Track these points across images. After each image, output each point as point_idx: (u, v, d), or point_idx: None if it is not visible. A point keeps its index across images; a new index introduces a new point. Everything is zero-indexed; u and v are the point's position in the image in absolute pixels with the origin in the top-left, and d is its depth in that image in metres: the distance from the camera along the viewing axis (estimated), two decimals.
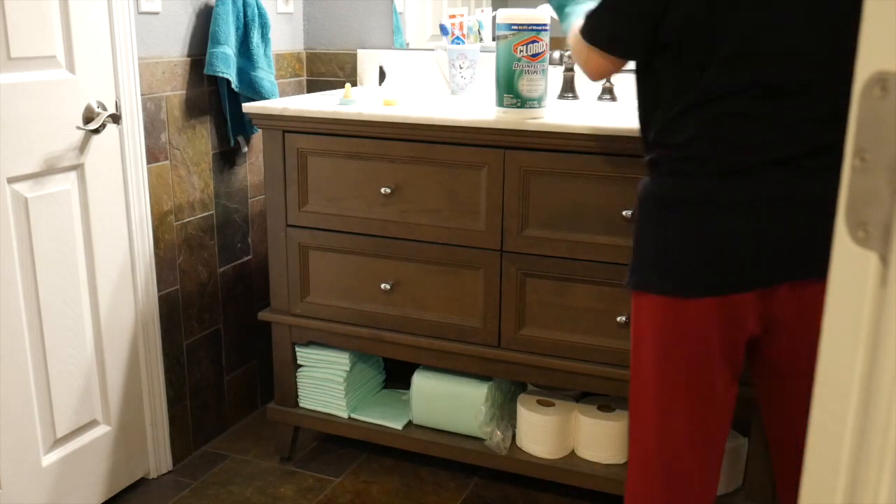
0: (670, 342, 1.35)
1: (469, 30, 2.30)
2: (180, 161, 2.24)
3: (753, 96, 1.26)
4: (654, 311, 1.36)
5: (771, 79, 1.26)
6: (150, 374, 2.20)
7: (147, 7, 2.08)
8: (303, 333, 2.24)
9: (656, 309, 1.35)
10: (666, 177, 1.33)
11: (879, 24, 0.47)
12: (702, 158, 1.29)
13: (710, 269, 1.30)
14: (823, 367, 0.53)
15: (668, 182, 1.33)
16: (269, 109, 2.10)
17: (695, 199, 1.30)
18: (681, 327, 1.33)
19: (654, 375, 1.38)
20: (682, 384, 1.36)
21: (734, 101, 1.27)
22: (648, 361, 1.39)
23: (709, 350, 1.33)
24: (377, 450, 2.37)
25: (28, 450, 1.89)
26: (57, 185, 1.90)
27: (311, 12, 2.66)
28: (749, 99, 1.27)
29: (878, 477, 0.50)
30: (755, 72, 1.26)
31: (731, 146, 1.28)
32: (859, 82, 0.49)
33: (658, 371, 1.38)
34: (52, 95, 1.85)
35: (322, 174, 2.11)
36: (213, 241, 2.39)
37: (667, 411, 1.39)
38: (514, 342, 2.01)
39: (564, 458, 2.07)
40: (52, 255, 1.89)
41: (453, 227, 2.00)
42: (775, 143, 1.27)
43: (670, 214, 1.33)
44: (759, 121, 1.27)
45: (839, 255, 0.51)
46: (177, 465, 2.32)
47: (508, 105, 1.86)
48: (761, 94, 1.26)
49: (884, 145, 0.48)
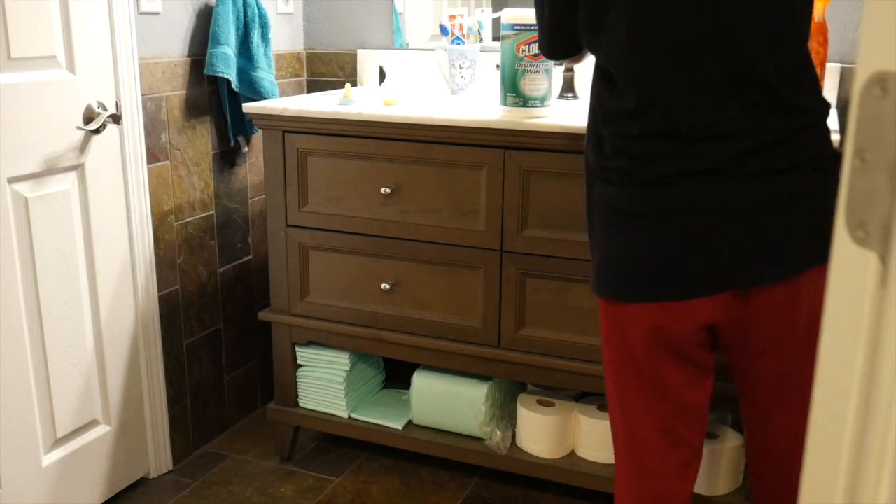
0: (616, 342, 1.38)
1: (469, 30, 2.30)
2: (180, 161, 2.24)
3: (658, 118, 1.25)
4: (602, 312, 1.39)
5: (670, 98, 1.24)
6: (150, 374, 2.20)
7: (147, 7, 2.08)
8: (303, 333, 2.24)
9: (604, 311, 1.38)
10: (601, 185, 1.34)
11: (879, 24, 0.47)
12: (623, 170, 1.28)
13: (636, 276, 1.30)
14: (823, 367, 0.53)
15: (602, 190, 1.33)
16: (269, 109, 2.10)
17: (620, 207, 1.30)
18: (622, 329, 1.35)
19: (611, 373, 1.42)
20: (634, 382, 1.38)
21: (641, 121, 1.26)
22: (606, 360, 1.42)
23: (650, 351, 1.34)
24: (377, 450, 2.37)
25: (28, 450, 1.89)
26: (57, 185, 1.90)
27: (311, 12, 2.66)
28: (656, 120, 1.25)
29: (878, 477, 0.50)
30: (650, 89, 1.25)
31: (644, 161, 1.26)
32: (859, 82, 0.49)
33: (613, 369, 1.41)
34: (52, 95, 1.85)
35: (322, 174, 2.11)
36: (213, 241, 2.39)
37: (626, 406, 1.41)
38: (514, 342, 2.01)
39: (564, 458, 2.07)
40: (53, 255, 1.89)
41: (453, 227, 2.00)
42: (689, 155, 1.24)
43: (604, 222, 1.34)
44: (669, 138, 1.25)
45: (839, 255, 0.51)
46: (177, 465, 2.32)
47: (511, 104, 1.87)
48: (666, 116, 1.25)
49: (884, 145, 0.48)
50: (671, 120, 1.24)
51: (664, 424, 1.40)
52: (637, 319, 1.32)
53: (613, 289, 1.34)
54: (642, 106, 1.25)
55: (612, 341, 1.39)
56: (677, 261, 1.26)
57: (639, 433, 1.42)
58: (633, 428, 1.42)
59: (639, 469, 1.43)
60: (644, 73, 1.25)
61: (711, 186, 1.23)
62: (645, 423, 1.40)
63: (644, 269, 1.29)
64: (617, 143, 1.29)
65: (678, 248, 1.26)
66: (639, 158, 1.26)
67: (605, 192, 1.33)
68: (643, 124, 1.25)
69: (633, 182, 1.27)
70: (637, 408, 1.40)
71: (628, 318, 1.34)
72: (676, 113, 1.23)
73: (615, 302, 1.34)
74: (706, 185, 1.23)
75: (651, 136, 1.25)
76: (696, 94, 1.23)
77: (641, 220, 1.27)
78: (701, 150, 1.22)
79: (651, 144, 1.25)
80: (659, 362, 1.35)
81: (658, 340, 1.33)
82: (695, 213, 1.24)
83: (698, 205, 1.23)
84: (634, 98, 1.25)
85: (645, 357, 1.35)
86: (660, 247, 1.27)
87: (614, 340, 1.38)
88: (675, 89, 1.23)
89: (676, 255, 1.26)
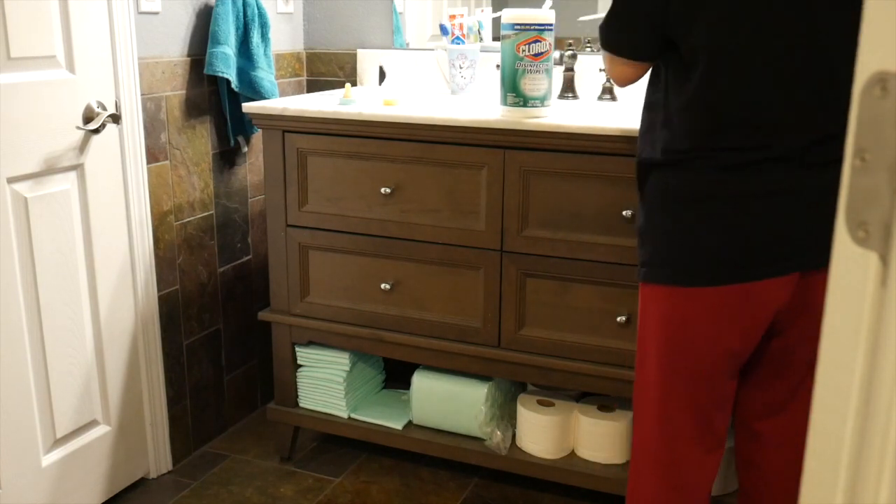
0: (675, 328, 1.38)
1: (469, 30, 2.30)
2: (180, 161, 2.24)
3: (753, 96, 1.30)
4: (661, 301, 1.39)
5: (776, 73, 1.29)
6: (150, 374, 2.20)
7: (147, 7, 2.08)
8: (303, 333, 2.24)
9: (664, 299, 1.38)
10: (677, 170, 1.35)
11: (879, 24, 0.47)
12: (704, 157, 1.32)
13: (717, 259, 1.33)
14: (823, 367, 0.53)
15: (679, 175, 1.35)
16: (269, 109, 2.10)
17: (698, 192, 1.33)
18: (687, 315, 1.37)
19: (659, 360, 1.42)
20: (685, 370, 1.40)
21: (735, 101, 1.30)
22: (651, 348, 1.43)
23: (719, 337, 1.37)
24: (377, 450, 2.37)
25: (28, 450, 1.89)
26: (57, 185, 1.90)
27: (311, 12, 2.66)
28: (750, 98, 1.30)
29: (878, 477, 0.50)
30: (755, 71, 1.29)
31: (726, 149, 1.31)
32: (859, 82, 0.49)
33: (663, 355, 1.41)
34: (52, 95, 1.85)
35: (322, 174, 2.11)
36: (213, 241, 2.39)
37: (669, 401, 1.43)
38: (514, 342, 2.01)
39: (564, 458, 2.07)
40: (52, 255, 1.89)
41: (453, 227, 2.00)
42: (774, 141, 1.30)
43: (675, 208, 1.36)
44: (759, 122, 1.30)
45: (839, 255, 0.51)
46: (177, 465, 2.32)
47: (511, 104, 1.87)
48: (764, 90, 1.29)
49: (884, 145, 0.48)
50: (754, 109, 1.29)
51: (705, 414, 1.43)
52: (711, 303, 1.34)
53: (689, 273, 1.35)
54: (728, 96, 1.30)
55: (668, 329, 1.39)
56: (758, 242, 1.32)
57: (677, 421, 1.43)
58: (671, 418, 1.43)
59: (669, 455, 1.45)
60: (737, 67, 1.29)
61: (786, 173, 1.30)
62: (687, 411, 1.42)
63: (729, 252, 1.33)
64: (696, 131, 1.32)
65: (759, 230, 1.31)
66: (720, 148, 1.31)
67: (677, 179, 1.35)
68: (728, 112, 1.30)
69: (714, 167, 1.32)
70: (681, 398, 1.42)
71: (699, 303, 1.35)
72: (760, 103, 1.29)
73: (690, 288, 1.35)
74: (782, 172, 1.30)
75: (735, 125, 1.30)
76: (781, 88, 1.28)
77: (723, 204, 1.32)
78: (779, 139, 1.29)
79: (734, 132, 1.30)
80: (724, 347, 1.38)
81: (728, 328, 1.35)
82: (772, 197, 1.30)
83: (776, 189, 1.30)
84: (721, 89, 1.30)
85: (710, 343, 1.37)
86: (741, 229, 1.32)
87: (672, 328, 1.38)
88: (763, 83, 1.29)
89: (758, 237, 1.31)
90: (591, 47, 2.36)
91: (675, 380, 1.41)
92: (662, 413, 1.44)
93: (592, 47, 2.36)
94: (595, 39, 2.35)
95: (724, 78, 1.29)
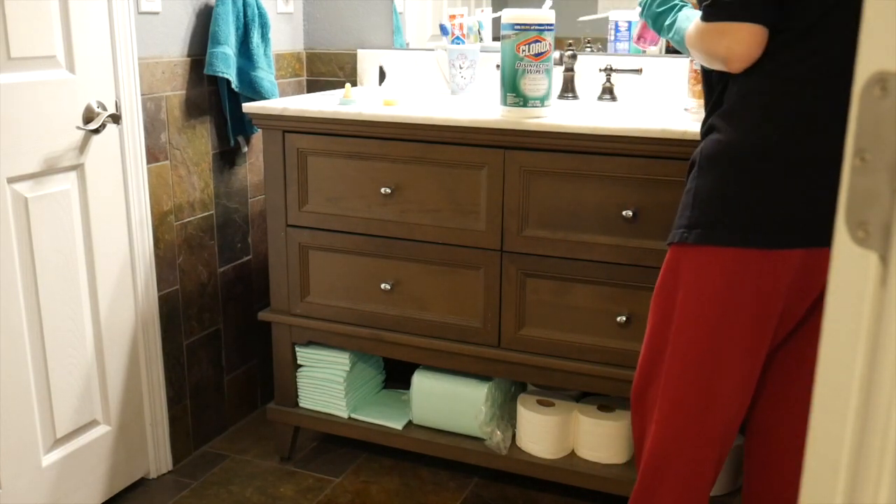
0: (732, 294, 1.35)
1: (469, 30, 2.30)
2: (180, 161, 2.24)
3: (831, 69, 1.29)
4: (718, 264, 1.35)
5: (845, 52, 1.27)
6: (150, 374, 2.20)
7: (147, 7, 2.08)
8: (303, 333, 2.24)
9: (719, 262, 1.35)
10: (742, 133, 1.33)
11: (879, 24, 0.47)
12: (780, 119, 1.31)
13: (784, 221, 1.31)
14: (823, 367, 0.53)
15: (745, 138, 1.32)
16: (269, 109, 2.10)
17: (770, 155, 1.31)
18: (744, 278, 1.34)
19: (707, 327, 1.38)
20: (737, 337, 1.37)
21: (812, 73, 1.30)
22: (697, 313, 1.38)
23: (773, 303, 1.35)
24: (377, 450, 2.37)
25: (28, 450, 1.89)
26: (57, 185, 1.90)
27: (311, 12, 2.66)
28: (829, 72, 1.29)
29: (878, 477, 0.50)
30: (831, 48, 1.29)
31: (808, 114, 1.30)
32: (859, 82, 0.49)
33: (712, 321, 1.37)
34: (52, 95, 1.85)
35: (322, 174, 2.11)
36: (213, 241, 2.39)
37: (720, 364, 1.40)
38: (514, 342, 2.01)
39: (564, 458, 2.07)
40: (52, 255, 1.89)
41: (453, 226, 2.00)
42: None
43: (742, 169, 1.33)
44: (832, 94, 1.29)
45: (839, 254, 0.51)
46: (177, 465, 2.32)
47: (511, 104, 1.87)
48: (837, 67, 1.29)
49: (884, 145, 0.48)
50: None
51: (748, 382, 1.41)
52: (777, 267, 1.32)
53: (757, 235, 1.32)
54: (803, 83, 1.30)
55: (723, 294, 1.35)
56: (823, 209, 1.27)
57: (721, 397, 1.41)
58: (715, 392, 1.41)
59: (705, 412, 1.43)
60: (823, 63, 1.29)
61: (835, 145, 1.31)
62: (732, 382, 1.40)
63: (800, 215, 1.31)
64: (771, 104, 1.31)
65: (823, 197, 1.27)
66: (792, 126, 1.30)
67: (748, 140, 1.32)
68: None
69: (788, 130, 1.30)
70: (731, 367, 1.39)
71: (760, 267, 1.32)
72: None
73: (752, 249, 1.32)
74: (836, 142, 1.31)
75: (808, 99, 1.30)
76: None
77: (791, 167, 1.30)
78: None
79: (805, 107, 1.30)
80: (773, 317, 1.36)
81: (786, 292, 1.34)
82: (825, 164, 1.27)
83: (832, 157, 1.29)
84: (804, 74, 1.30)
85: (764, 308, 1.35)
86: (805, 193, 1.30)
87: (730, 293, 1.35)
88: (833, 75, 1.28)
89: (823, 205, 1.27)
90: (591, 47, 2.36)
91: (725, 348, 1.37)
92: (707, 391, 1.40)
93: (592, 47, 2.36)
94: (595, 39, 2.36)
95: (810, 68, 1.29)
